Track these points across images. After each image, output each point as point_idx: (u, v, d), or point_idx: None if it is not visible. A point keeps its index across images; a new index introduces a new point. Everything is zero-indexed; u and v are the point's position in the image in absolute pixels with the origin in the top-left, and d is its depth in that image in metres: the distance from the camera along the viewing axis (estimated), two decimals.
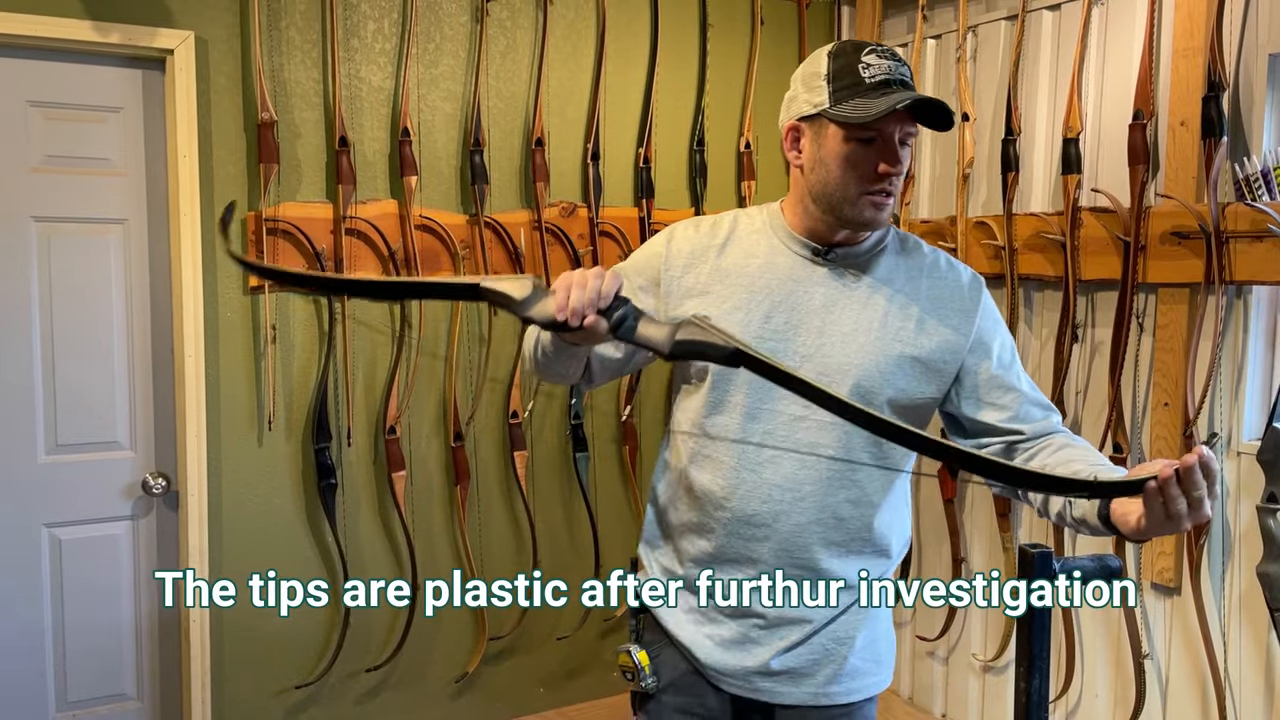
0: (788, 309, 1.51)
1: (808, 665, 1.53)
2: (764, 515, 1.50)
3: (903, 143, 1.46)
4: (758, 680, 1.54)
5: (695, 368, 1.54)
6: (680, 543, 1.59)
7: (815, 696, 1.54)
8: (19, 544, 2.53)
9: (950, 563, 3.08)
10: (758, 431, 1.50)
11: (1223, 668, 2.39)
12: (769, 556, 1.51)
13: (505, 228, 2.94)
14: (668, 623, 1.60)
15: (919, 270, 1.55)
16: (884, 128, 1.43)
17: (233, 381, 2.67)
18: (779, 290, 1.52)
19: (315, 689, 2.84)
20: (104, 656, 2.65)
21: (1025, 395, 1.54)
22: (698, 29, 3.26)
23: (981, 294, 1.56)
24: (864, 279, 1.53)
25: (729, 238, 1.58)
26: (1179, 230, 2.39)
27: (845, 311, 1.51)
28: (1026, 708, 1.24)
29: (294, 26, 2.67)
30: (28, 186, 2.47)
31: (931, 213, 3.17)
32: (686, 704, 1.59)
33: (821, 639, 1.53)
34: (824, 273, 1.53)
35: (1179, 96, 2.41)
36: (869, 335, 1.49)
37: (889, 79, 1.42)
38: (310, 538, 2.80)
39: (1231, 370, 2.39)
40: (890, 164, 1.44)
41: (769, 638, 1.53)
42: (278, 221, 2.65)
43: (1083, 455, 1.44)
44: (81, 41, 2.42)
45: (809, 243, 1.54)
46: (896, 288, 1.52)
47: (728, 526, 1.52)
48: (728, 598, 1.54)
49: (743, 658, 1.54)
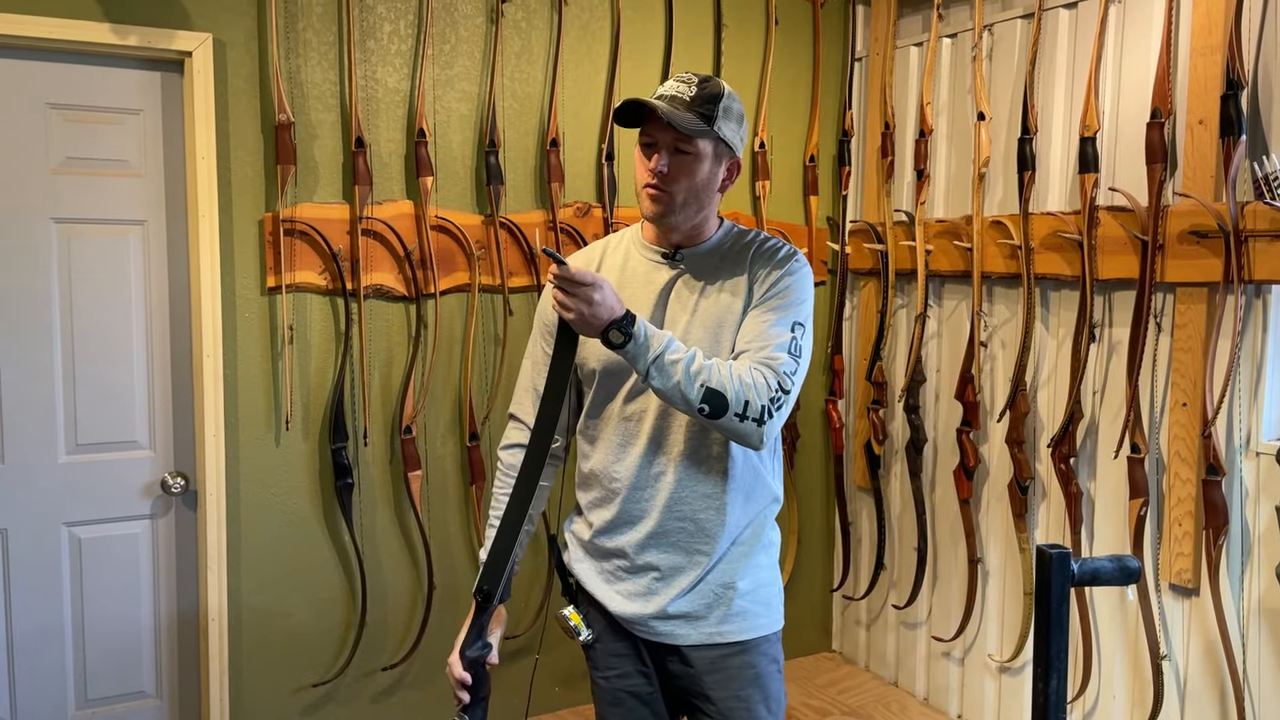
0: (648, 307, 1.76)
1: (700, 609, 1.76)
2: (645, 478, 1.76)
3: (673, 148, 1.69)
4: (657, 624, 1.77)
5: (584, 371, 1.82)
6: (589, 515, 1.85)
7: (710, 636, 1.77)
8: (39, 543, 2.55)
9: (966, 564, 3.07)
10: (635, 411, 1.76)
11: (1241, 669, 2.38)
12: (656, 514, 1.75)
13: (520, 228, 2.95)
14: (586, 584, 1.85)
15: (747, 253, 1.78)
16: (649, 134, 1.71)
17: (250, 381, 2.68)
18: (640, 292, 1.78)
19: (332, 687, 2.85)
20: (123, 654, 2.67)
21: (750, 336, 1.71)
22: (712, 29, 3.26)
23: (779, 257, 1.76)
24: (704, 270, 1.77)
25: (601, 257, 1.86)
26: (1197, 229, 2.38)
27: (690, 299, 1.75)
28: (1044, 708, 1.23)
29: (311, 28, 2.68)
30: (48, 188, 2.49)
31: (947, 212, 3.16)
32: (615, 649, 1.85)
33: (709, 584, 1.76)
34: (671, 271, 1.78)
35: (1197, 94, 2.40)
36: (706, 315, 1.73)
37: (661, 94, 1.70)
38: (327, 537, 2.81)
39: (1250, 370, 2.37)
40: (651, 163, 1.70)
41: (664, 587, 1.76)
42: (295, 222, 2.66)
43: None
44: (100, 44, 2.44)
45: (658, 249, 1.80)
46: (730, 270, 1.76)
47: (619, 494, 1.78)
48: (625, 556, 1.78)
49: (643, 606, 1.77)
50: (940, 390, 3.22)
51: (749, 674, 1.79)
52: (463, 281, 2.90)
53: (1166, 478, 2.51)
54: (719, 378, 1.60)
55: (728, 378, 1.61)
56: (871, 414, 3.36)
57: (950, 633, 3.13)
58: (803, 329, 1.72)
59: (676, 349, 1.61)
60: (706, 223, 1.79)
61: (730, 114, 1.72)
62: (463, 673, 1.74)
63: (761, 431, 1.64)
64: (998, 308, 3.00)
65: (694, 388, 1.59)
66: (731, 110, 1.73)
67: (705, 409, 1.60)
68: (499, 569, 1.72)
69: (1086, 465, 2.74)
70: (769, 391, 1.63)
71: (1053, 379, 2.84)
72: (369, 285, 2.77)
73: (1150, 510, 2.57)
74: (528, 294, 3.00)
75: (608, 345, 1.60)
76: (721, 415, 1.61)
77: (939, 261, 3.12)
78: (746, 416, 1.61)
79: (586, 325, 1.59)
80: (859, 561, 3.59)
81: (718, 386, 1.59)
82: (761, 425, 1.63)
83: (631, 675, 1.85)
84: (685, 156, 1.70)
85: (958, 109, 3.13)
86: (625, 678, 1.86)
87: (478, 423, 2.94)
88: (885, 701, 3.33)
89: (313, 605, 2.81)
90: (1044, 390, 2.86)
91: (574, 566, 1.88)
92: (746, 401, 1.61)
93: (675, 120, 1.64)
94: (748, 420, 1.62)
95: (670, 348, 1.60)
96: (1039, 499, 2.88)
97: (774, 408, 1.64)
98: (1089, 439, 2.74)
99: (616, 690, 1.86)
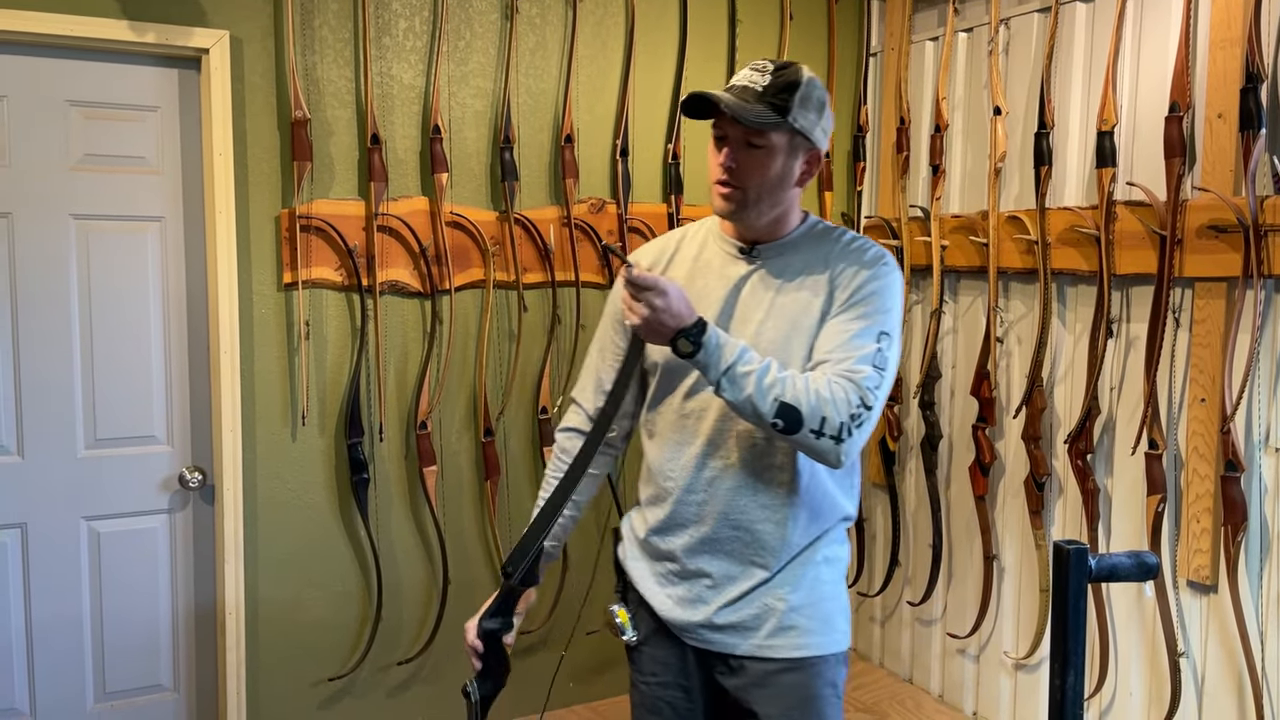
0: (719, 302, 1.69)
1: (749, 620, 1.68)
2: (700, 482, 1.68)
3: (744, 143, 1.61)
4: (706, 633, 1.70)
5: (648, 363, 1.75)
6: (645, 512, 1.79)
7: (759, 648, 1.67)
8: (59, 537, 2.57)
9: (982, 560, 3.06)
10: (694, 409, 1.69)
11: (1260, 667, 2.36)
12: (709, 520, 1.68)
13: (535, 224, 2.95)
14: (638, 583, 1.79)
15: (831, 251, 1.69)
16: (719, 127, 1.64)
17: (267, 377, 2.70)
18: (712, 286, 1.71)
19: (348, 682, 2.87)
20: (141, 648, 2.69)
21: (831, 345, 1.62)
22: (727, 25, 3.25)
23: (866, 259, 1.67)
24: (782, 268, 1.69)
25: (676, 250, 1.79)
26: (1216, 224, 2.36)
27: (765, 297, 1.67)
28: (1061, 705, 1.23)
29: (326, 25, 2.69)
30: (67, 185, 2.51)
31: (963, 207, 3.15)
32: (662, 655, 1.78)
33: (761, 596, 1.67)
34: (748, 266, 1.71)
35: (1216, 88, 2.38)
36: (781, 316, 1.65)
37: (733, 85, 1.62)
38: (343, 532, 2.82)
39: (1270, 366, 2.35)
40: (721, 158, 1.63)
41: (714, 595, 1.69)
42: (311, 219, 2.67)
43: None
44: (118, 41, 2.45)
45: (735, 243, 1.73)
46: (810, 269, 1.67)
47: (674, 495, 1.71)
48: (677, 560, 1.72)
49: (692, 613, 1.71)
50: (956, 386, 3.21)
51: (800, 695, 1.67)
52: (477, 278, 2.91)
53: (1185, 474, 2.49)
54: (794, 391, 1.51)
55: (804, 391, 1.52)
56: (887, 410, 3.35)
57: (965, 629, 3.12)
58: (889, 339, 1.62)
59: (749, 359, 1.53)
60: (785, 218, 1.70)
61: (809, 102, 1.61)
62: (475, 639, 1.73)
63: (840, 450, 1.53)
64: (1014, 303, 2.99)
65: (767, 401, 1.50)
66: (811, 98, 1.62)
67: (779, 424, 1.51)
68: (526, 550, 1.67)
69: (1104, 461, 2.73)
70: (849, 407, 1.53)
71: (1069, 375, 2.82)
72: (384, 281, 2.78)
73: (1168, 506, 2.55)
74: (542, 290, 3.00)
75: (676, 354, 1.53)
76: (796, 431, 1.51)
77: (954, 257, 3.11)
78: (823, 433, 1.51)
79: (652, 332, 1.53)
80: (874, 558, 3.58)
81: (792, 401, 1.51)
82: (840, 443, 1.52)
83: (671, 687, 1.77)
84: (756, 151, 1.61)
85: (973, 104, 3.11)
86: (665, 688, 1.78)
87: (492, 418, 2.95)
88: (900, 699, 3.32)
89: (329, 600, 2.83)
90: (1060, 386, 2.85)
91: (627, 564, 1.82)
92: (824, 417, 1.51)
93: (741, 115, 1.56)
94: (824, 437, 1.52)
95: (743, 358, 1.52)
96: (1055, 495, 2.87)
97: (854, 425, 1.53)
98: (1106, 435, 2.72)
99: (656, 699, 1.79)
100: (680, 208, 3.14)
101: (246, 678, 2.73)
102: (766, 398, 1.50)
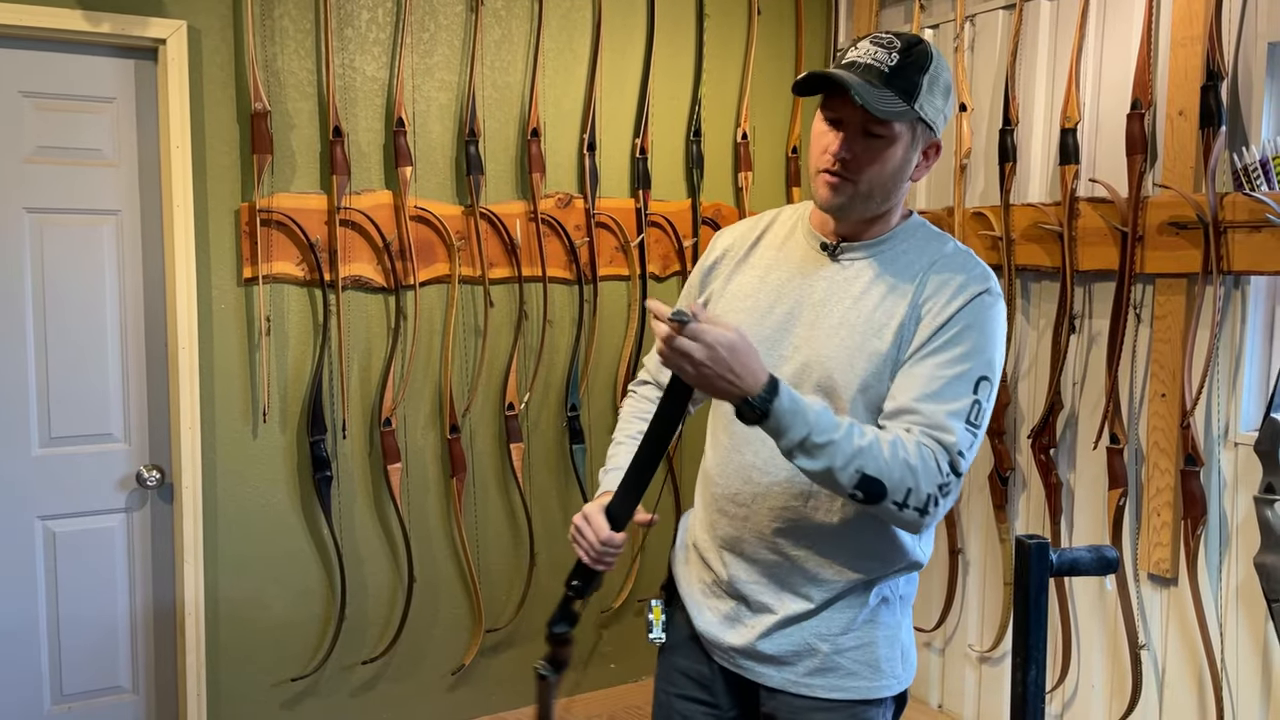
0: (791, 301, 1.54)
1: (787, 654, 1.55)
2: (744, 495, 1.55)
3: (861, 130, 1.43)
4: (739, 658, 1.59)
5: None
6: (699, 512, 1.68)
7: (795, 684, 1.55)
8: (13, 537, 2.52)
9: (947, 554, 3.08)
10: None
11: (1219, 659, 2.39)
12: (750, 538, 1.55)
13: (501, 219, 2.93)
14: (680, 587, 1.68)
15: (925, 263, 1.49)
16: (834, 109, 1.44)
17: (227, 373, 2.65)
18: (788, 283, 1.55)
19: (311, 681, 2.83)
20: (99, 649, 2.64)
21: (913, 394, 1.42)
22: (694, 18, 3.24)
23: (965, 281, 1.46)
24: (865, 273, 1.51)
25: (764, 231, 1.64)
26: (1177, 220, 2.38)
27: (838, 305, 1.50)
28: (1023, 699, 1.24)
29: (287, 16, 2.65)
30: (20, 177, 2.45)
31: (929, 203, 3.16)
32: (690, 667, 1.66)
33: (803, 632, 1.54)
34: (829, 266, 1.54)
35: (1177, 86, 2.40)
36: (851, 330, 1.47)
37: (854, 61, 1.42)
38: (306, 530, 2.79)
39: (1229, 361, 2.38)
40: (833, 144, 1.44)
41: (751, 619, 1.57)
42: (271, 213, 2.64)
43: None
44: (73, 31, 2.40)
45: (820, 237, 1.56)
46: (894, 282, 1.48)
47: (718, 503, 1.59)
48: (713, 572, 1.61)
49: (730, 635, 1.58)
50: None
51: None
52: (443, 273, 2.88)
53: (1145, 468, 2.52)
54: (879, 463, 1.34)
55: (890, 461, 1.34)
56: None
57: (931, 623, 3.14)
58: (989, 387, 1.42)
59: (827, 426, 1.33)
60: (889, 216, 1.52)
61: (936, 86, 1.43)
62: (610, 532, 1.53)
63: (923, 521, 1.39)
64: None
65: (848, 473, 1.33)
66: (938, 81, 1.43)
67: (859, 495, 1.35)
68: (627, 501, 1.52)
69: (1066, 456, 2.75)
70: (939, 477, 1.37)
71: (1033, 370, 2.85)
72: (347, 276, 2.75)
73: (1129, 500, 2.58)
74: (508, 285, 2.98)
75: (739, 419, 1.35)
76: (877, 503, 1.36)
77: None
78: (907, 505, 1.36)
79: (709, 387, 1.32)
80: None
81: (876, 474, 1.34)
82: (924, 515, 1.38)
83: (690, 704, 1.66)
84: (876, 140, 1.42)
85: None
86: (685, 701, 1.67)
87: (458, 415, 2.92)
88: None
89: (291, 599, 2.79)
90: (1024, 381, 2.87)
91: (675, 568, 1.71)
92: (910, 489, 1.35)
93: (870, 102, 1.36)
94: (908, 509, 1.36)
95: (820, 426, 1.33)
96: (1019, 490, 2.89)
97: (942, 494, 1.38)
98: (1069, 430, 2.74)
99: (674, 712, 1.68)
100: (648, 203, 3.13)
101: (207, 678, 2.69)
102: (848, 469, 1.33)
